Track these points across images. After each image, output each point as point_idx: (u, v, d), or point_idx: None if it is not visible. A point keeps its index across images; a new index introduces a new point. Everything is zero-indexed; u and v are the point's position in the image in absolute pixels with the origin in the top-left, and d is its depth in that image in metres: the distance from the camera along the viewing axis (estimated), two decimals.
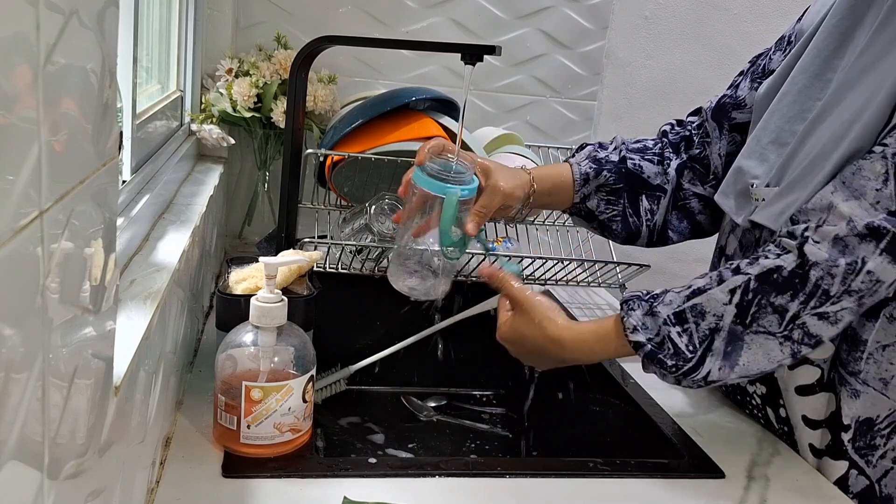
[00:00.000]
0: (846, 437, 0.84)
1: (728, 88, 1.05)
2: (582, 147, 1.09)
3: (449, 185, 0.89)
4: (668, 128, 1.09)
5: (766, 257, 0.79)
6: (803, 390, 0.88)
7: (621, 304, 0.84)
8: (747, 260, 0.81)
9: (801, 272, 0.76)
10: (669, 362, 0.80)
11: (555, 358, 0.88)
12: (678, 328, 0.80)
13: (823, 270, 0.75)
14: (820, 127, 0.84)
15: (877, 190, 0.75)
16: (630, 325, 0.82)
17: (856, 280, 0.74)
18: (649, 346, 0.81)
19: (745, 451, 0.88)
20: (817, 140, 0.83)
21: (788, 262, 0.77)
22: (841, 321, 0.76)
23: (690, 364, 0.79)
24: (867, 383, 0.83)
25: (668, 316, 0.80)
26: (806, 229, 0.77)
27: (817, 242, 0.76)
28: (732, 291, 0.79)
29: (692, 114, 1.09)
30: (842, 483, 0.85)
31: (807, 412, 0.88)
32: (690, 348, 0.79)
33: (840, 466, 0.85)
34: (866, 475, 0.85)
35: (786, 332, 0.77)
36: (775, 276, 0.77)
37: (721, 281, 0.80)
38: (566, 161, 1.08)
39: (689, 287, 0.82)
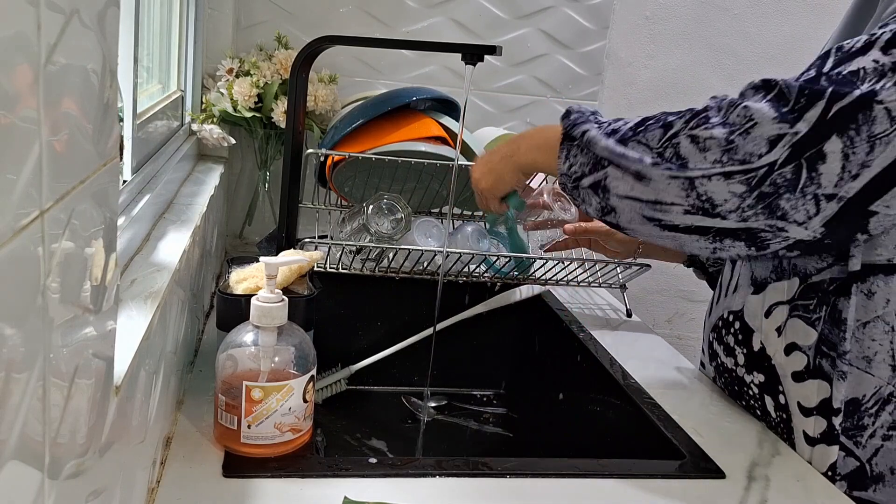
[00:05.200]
0: (837, 420, 0.85)
1: None
2: None
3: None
4: None
5: None
6: (797, 377, 0.88)
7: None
8: None
9: (700, 106, 0.81)
10: (574, 115, 0.93)
11: (508, 149, 1.00)
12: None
13: (715, 102, 0.80)
14: None
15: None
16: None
17: (732, 112, 0.76)
18: (571, 118, 0.94)
19: (745, 451, 0.88)
20: None
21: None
22: (707, 151, 0.76)
23: (585, 116, 0.93)
24: (852, 363, 0.83)
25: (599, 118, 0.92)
26: None
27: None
28: (652, 116, 0.86)
29: None
30: (832, 468, 0.85)
31: (800, 399, 0.88)
32: (593, 115, 0.93)
33: (833, 452, 0.86)
34: (855, 456, 0.85)
35: (660, 149, 0.80)
36: (685, 109, 0.82)
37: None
38: None
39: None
